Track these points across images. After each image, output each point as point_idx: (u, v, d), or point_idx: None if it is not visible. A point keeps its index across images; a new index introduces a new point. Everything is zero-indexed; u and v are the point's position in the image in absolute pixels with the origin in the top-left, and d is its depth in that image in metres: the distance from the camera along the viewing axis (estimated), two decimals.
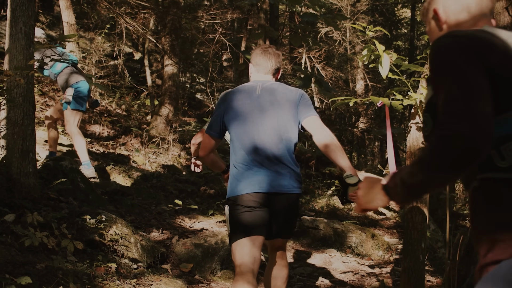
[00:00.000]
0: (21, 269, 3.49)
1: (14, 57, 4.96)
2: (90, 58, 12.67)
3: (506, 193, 1.50)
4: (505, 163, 1.50)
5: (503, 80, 1.51)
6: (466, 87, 1.47)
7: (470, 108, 1.44)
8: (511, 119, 1.50)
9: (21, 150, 4.88)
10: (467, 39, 1.56)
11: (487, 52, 1.53)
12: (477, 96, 1.46)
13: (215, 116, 3.66)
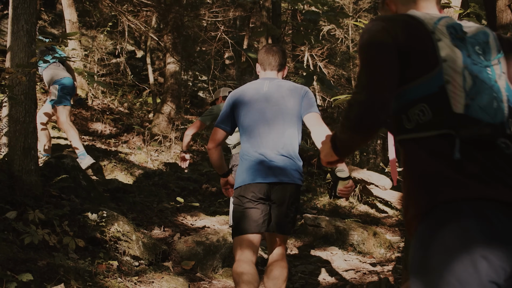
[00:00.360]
0: (23, 266, 3.49)
1: (16, 55, 4.96)
2: (92, 56, 12.69)
3: (415, 149, 1.81)
4: (411, 125, 1.82)
5: (410, 56, 1.81)
6: (372, 64, 1.81)
7: (370, 82, 1.78)
8: (415, 88, 1.80)
9: (23, 148, 4.88)
10: (385, 22, 1.86)
11: (400, 32, 1.83)
12: (380, 71, 1.79)
13: (224, 112, 3.85)
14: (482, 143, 1.74)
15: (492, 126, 1.75)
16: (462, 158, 1.71)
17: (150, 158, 9.89)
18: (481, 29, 1.91)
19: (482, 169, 1.70)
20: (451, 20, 1.90)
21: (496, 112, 1.77)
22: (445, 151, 1.74)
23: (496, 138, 1.76)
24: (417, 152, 1.81)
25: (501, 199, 1.65)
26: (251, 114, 3.76)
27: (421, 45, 1.82)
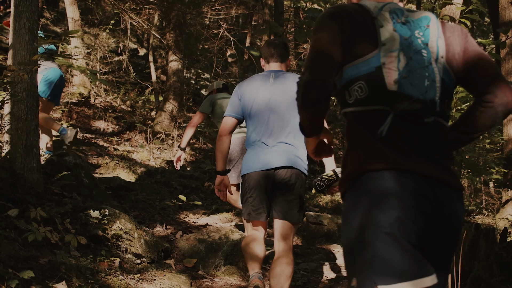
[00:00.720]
0: (24, 263, 3.49)
1: (18, 52, 4.96)
2: (95, 54, 12.69)
3: (353, 122, 2.03)
4: (351, 100, 2.03)
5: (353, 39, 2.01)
6: (316, 47, 2.00)
7: (313, 63, 1.98)
8: (355, 67, 2.00)
9: (24, 145, 4.88)
10: (334, 9, 2.08)
11: (346, 18, 2.03)
12: (321, 53, 1.98)
13: (233, 101, 4.07)
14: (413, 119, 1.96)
15: (423, 102, 1.96)
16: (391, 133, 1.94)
17: (152, 156, 9.89)
18: (423, 15, 2.08)
19: (407, 144, 1.93)
20: (395, 6, 2.09)
21: (428, 90, 1.97)
22: (377, 125, 1.96)
23: (426, 114, 1.97)
24: (354, 124, 2.04)
25: (417, 171, 1.88)
26: (257, 104, 3.95)
27: (364, 30, 2.03)
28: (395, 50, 1.99)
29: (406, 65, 1.97)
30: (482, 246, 4.37)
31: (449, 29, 2.12)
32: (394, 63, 1.98)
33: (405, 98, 1.95)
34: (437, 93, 1.99)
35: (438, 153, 1.98)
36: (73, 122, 10.50)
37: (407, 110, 1.94)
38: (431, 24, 2.05)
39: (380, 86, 1.97)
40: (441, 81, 2.01)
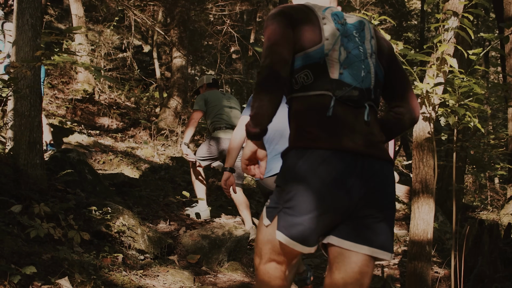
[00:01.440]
0: (27, 259, 3.50)
1: (21, 49, 4.96)
2: (99, 50, 12.70)
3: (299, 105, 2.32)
4: (298, 86, 2.32)
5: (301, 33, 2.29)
6: (273, 38, 2.26)
7: (271, 51, 2.23)
8: (302, 57, 2.28)
9: (28, 142, 4.89)
10: (284, 8, 2.36)
11: (295, 15, 2.32)
12: (277, 44, 2.24)
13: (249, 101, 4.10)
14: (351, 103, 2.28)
15: (360, 90, 2.29)
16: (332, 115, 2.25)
17: (156, 152, 9.90)
18: (359, 19, 2.43)
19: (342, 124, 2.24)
20: (335, 9, 2.43)
21: (364, 80, 2.31)
22: (320, 107, 2.27)
23: (363, 99, 2.30)
24: (298, 107, 2.33)
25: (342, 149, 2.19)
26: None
27: (310, 26, 2.32)
28: (336, 44, 2.31)
29: (346, 58, 2.31)
30: (486, 242, 4.36)
31: (381, 36, 2.51)
32: (336, 55, 2.30)
33: (345, 86, 2.27)
34: (372, 83, 2.34)
35: (369, 133, 2.28)
36: (77, 118, 10.52)
37: (346, 96, 2.27)
38: (365, 27, 2.42)
39: (324, 74, 2.28)
40: (374, 73, 2.37)
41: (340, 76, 2.28)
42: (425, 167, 3.63)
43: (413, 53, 3.58)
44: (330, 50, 2.30)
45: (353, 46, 2.34)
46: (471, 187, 12.40)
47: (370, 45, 2.40)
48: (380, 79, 2.40)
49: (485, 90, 3.59)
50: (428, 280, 3.47)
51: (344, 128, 2.24)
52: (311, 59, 2.29)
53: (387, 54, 2.47)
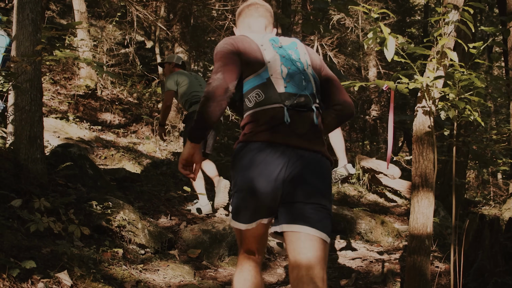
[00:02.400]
0: (27, 253, 3.50)
1: (22, 44, 4.97)
2: (101, 46, 12.69)
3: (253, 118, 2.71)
4: (251, 104, 2.73)
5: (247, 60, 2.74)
6: (223, 62, 2.68)
7: (223, 70, 2.65)
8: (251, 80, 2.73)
9: (28, 136, 4.90)
10: (231, 39, 2.81)
11: (240, 45, 2.77)
12: (228, 65, 2.67)
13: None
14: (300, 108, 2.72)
15: (305, 96, 2.74)
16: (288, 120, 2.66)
17: (158, 147, 9.90)
18: (292, 41, 2.94)
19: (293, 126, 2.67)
20: (271, 36, 2.93)
21: (306, 87, 2.77)
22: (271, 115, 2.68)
23: (309, 103, 2.74)
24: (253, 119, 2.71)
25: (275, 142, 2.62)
26: None
27: (253, 53, 2.77)
28: (277, 65, 2.78)
29: (287, 73, 2.77)
30: (486, 236, 4.35)
31: (311, 51, 2.99)
32: (278, 73, 2.76)
33: (292, 95, 2.72)
34: (313, 89, 2.81)
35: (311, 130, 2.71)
36: (79, 114, 10.52)
37: (295, 103, 2.71)
38: (298, 46, 2.92)
39: (272, 90, 2.72)
40: (314, 80, 2.84)
41: (285, 89, 2.74)
42: (425, 161, 3.62)
43: (412, 47, 3.56)
44: (273, 70, 2.76)
45: (291, 63, 2.82)
46: (474, 183, 12.38)
47: (305, 60, 2.88)
48: (318, 86, 2.87)
49: (485, 83, 3.58)
50: (427, 274, 3.46)
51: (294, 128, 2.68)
52: (259, 80, 2.74)
53: (318, 64, 2.95)
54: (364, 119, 16.43)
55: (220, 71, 2.64)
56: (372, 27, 3.56)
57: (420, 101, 3.74)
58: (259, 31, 3.06)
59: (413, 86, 3.60)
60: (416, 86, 3.60)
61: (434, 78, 3.49)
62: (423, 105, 3.70)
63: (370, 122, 16.70)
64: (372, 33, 3.58)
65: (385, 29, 3.45)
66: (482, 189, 11.86)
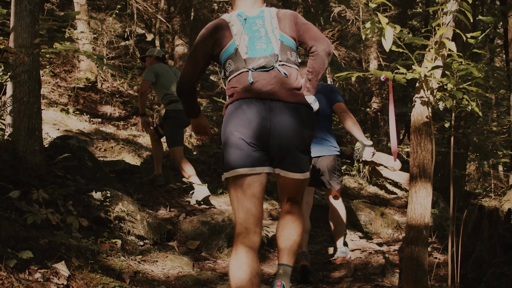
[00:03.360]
0: (24, 244, 3.50)
1: (19, 35, 4.96)
2: (102, 39, 12.67)
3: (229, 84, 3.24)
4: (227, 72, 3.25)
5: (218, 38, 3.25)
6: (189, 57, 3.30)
7: (184, 69, 3.29)
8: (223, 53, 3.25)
9: (27, 128, 4.89)
10: (209, 25, 3.35)
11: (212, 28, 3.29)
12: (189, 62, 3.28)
13: None
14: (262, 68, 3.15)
15: (265, 58, 3.16)
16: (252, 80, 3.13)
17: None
18: (259, 10, 3.32)
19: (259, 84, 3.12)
20: (241, 11, 3.30)
21: (266, 50, 3.18)
22: (241, 80, 3.16)
23: (270, 62, 3.15)
24: (230, 85, 3.21)
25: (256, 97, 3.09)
26: None
27: (222, 31, 3.25)
28: (240, 35, 3.21)
29: (248, 40, 3.21)
30: (485, 227, 4.34)
31: (282, 12, 3.32)
32: (242, 42, 3.20)
33: (253, 59, 3.16)
34: (275, 49, 3.20)
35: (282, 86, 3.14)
36: (79, 107, 10.51)
37: (256, 65, 3.15)
38: (265, 13, 3.29)
39: (239, 59, 3.19)
40: (279, 41, 3.22)
41: (247, 55, 3.18)
42: (423, 152, 3.60)
43: (410, 37, 3.54)
44: (238, 40, 3.21)
45: (252, 31, 3.24)
46: (475, 175, 12.36)
47: (270, 24, 3.26)
48: (287, 44, 3.24)
49: (483, 73, 3.56)
50: (425, 264, 3.45)
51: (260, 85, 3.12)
52: (229, 52, 3.23)
53: (289, 22, 3.28)
54: (365, 112, 16.41)
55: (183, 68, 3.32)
56: (370, 17, 3.55)
57: (418, 92, 3.72)
58: (246, 9, 3.37)
59: (411, 76, 3.58)
60: (414, 76, 3.59)
61: (432, 68, 3.47)
62: (421, 95, 3.68)
63: (371, 114, 16.68)
64: (370, 23, 3.56)
65: (383, 19, 3.43)
66: (483, 181, 11.85)
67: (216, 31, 3.26)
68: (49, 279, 3.18)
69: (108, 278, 3.61)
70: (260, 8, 3.39)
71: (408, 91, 15.82)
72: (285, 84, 3.15)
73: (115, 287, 3.56)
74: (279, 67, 3.16)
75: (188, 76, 3.27)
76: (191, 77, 3.28)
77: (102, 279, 3.56)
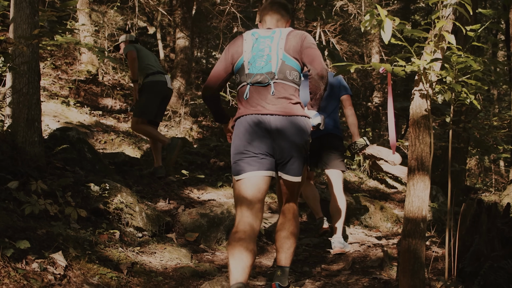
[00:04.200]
0: (21, 234, 3.51)
1: (19, 26, 4.95)
2: (103, 31, 12.66)
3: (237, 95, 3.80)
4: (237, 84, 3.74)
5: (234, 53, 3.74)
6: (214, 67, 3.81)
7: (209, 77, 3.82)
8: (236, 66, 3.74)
9: (26, 119, 4.90)
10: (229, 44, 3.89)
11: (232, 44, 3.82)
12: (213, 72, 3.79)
13: None
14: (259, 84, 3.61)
15: (261, 75, 3.61)
16: (248, 95, 3.62)
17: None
18: (273, 30, 3.77)
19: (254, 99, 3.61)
20: (255, 31, 3.79)
21: (263, 67, 3.62)
22: (242, 93, 3.67)
23: (266, 80, 3.60)
24: (237, 96, 3.79)
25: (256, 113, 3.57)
26: None
27: (237, 47, 3.76)
28: (248, 52, 3.69)
29: (251, 58, 3.66)
30: (484, 221, 4.33)
31: (292, 34, 3.72)
32: (247, 59, 3.67)
33: (252, 75, 3.63)
34: (273, 68, 3.61)
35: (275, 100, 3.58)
36: (80, 99, 10.51)
37: (254, 81, 3.62)
38: (275, 34, 3.73)
39: (243, 73, 3.68)
40: (280, 61, 3.63)
41: (249, 71, 3.65)
42: (421, 145, 3.60)
43: (409, 29, 3.53)
44: (245, 57, 3.68)
45: (258, 49, 3.68)
46: (476, 170, 12.35)
47: (276, 44, 3.66)
48: (289, 64, 3.64)
49: (482, 66, 3.55)
50: (422, 257, 3.45)
51: (256, 100, 3.60)
52: (238, 66, 3.72)
53: (294, 46, 3.65)
54: (367, 106, 16.39)
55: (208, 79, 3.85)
56: (369, 10, 3.53)
57: (417, 84, 3.71)
58: (270, 26, 3.91)
59: (410, 69, 3.57)
60: (413, 69, 3.58)
61: (431, 61, 3.46)
62: (420, 88, 3.68)
63: (373, 109, 16.66)
64: (369, 15, 3.55)
65: (382, 11, 3.42)
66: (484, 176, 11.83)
67: (234, 46, 3.77)
68: (46, 269, 3.19)
69: (105, 269, 3.62)
70: (281, 27, 3.90)
71: (410, 85, 15.77)
72: (280, 99, 3.60)
73: (112, 277, 3.57)
74: (273, 84, 3.59)
75: (211, 83, 3.78)
76: (213, 85, 3.78)
77: (99, 269, 3.57)
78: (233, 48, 3.74)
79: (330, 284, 4.38)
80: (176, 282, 4.04)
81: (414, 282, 3.41)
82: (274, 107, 3.55)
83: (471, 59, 3.49)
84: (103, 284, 3.43)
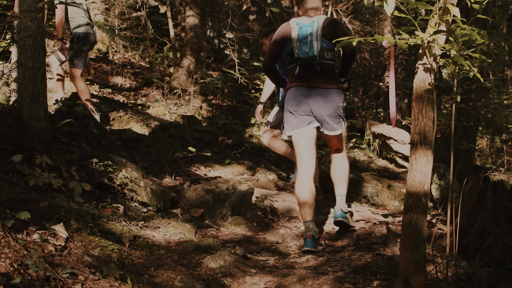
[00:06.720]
0: (23, 206, 3.52)
1: (24, 1, 4.94)
2: (113, 9, 12.63)
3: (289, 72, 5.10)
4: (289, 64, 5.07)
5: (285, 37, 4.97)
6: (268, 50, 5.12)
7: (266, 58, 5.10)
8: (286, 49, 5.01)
9: (31, 94, 4.90)
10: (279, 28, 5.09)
11: (280, 30, 5.02)
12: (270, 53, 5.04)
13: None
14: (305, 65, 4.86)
15: (306, 58, 4.86)
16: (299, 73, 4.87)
17: (168, 111, 9.90)
18: (312, 20, 4.89)
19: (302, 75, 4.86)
20: (299, 19, 4.94)
21: (308, 52, 4.86)
22: (293, 71, 4.93)
23: (311, 61, 4.84)
24: (288, 72, 5.08)
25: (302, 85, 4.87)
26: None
27: (286, 34, 4.93)
28: (295, 38, 4.87)
29: (298, 44, 4.88)
30: (489, 198, 4.30)
31: (328, 21, 4.87)
32: (296, 45, 4.88)
33: (300, 58, 4.88)
34: (315, 52, 4.83)
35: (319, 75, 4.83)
36: (90, 77, 10.53)
37: (300, 63, 4.85)
38: (314, 23, 4.88)
39: (293, 56, 4.91)
40: (319, 45, 4.83)
41: (297, 55, 4.90)
42: (424, 119, 3.56)
43: (414, 1, 3.48)
44: (294, 43, 4.90)
45: (303, 36, 4.87)
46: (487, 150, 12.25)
47: (316, 31, 4.84)
48: (327, 47, 4.85)
49: (487, 39, 3.49)
50: (423, 231, 3.42)
51: (303, 76, 4.86)
52: (288, 50, 4.96)
53: (330, 30, 4.83)
54: (378, 86, 16.28)
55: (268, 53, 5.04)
56: None
57: (421, 58, 3.66)
58: (310, 14, 5.02)
59: (413, 42, 3.52)
60: (416, 42, 3.53)
61: (434, 33, 3.41)
62: (424, 62, 3.63)
63: (384, 89, 16.53)
64: None
65: None
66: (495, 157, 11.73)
67: (284, 33, 4.96)
68: (47, 240, 3.21)
69: (107, 241, 3.63)
70: (318, 15, 4.99)
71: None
72: (320, 75, 4.84)
73: (114, 250, 3.58)
74: (316, 64, 4.85)
75: (269, 63, 5.01)
76: (270, 62, 5.01)
77: (101, 241, 3.58)
78: (284, 34, 4.95)
79: (333, 259, 4.38)
80: (179, 256, 4.05)
81: (415, 257, 3.39)
82: (316, 82, 4.83)
83: (476, 32, 3.43)
84: (104, 256, 3.44)
